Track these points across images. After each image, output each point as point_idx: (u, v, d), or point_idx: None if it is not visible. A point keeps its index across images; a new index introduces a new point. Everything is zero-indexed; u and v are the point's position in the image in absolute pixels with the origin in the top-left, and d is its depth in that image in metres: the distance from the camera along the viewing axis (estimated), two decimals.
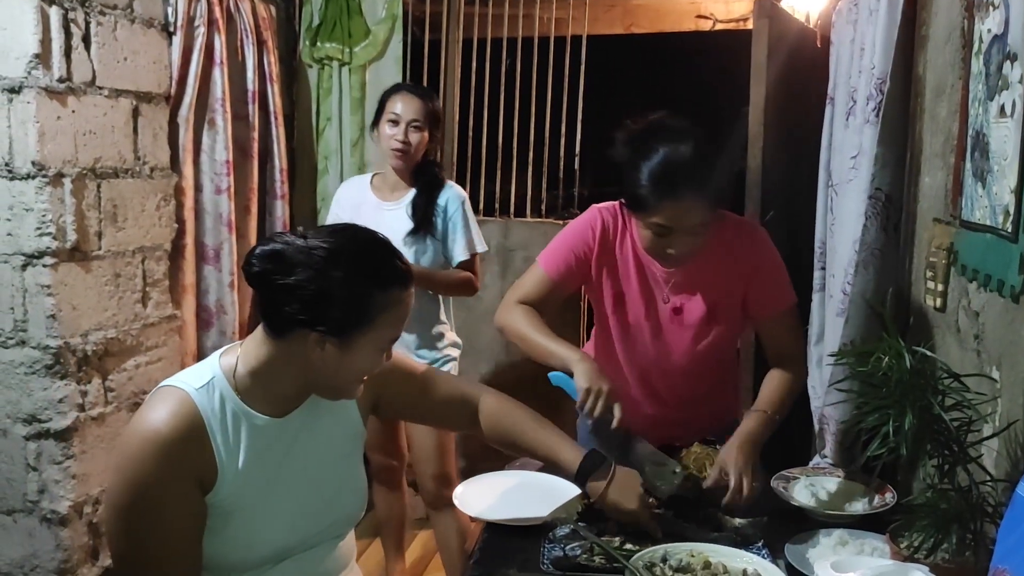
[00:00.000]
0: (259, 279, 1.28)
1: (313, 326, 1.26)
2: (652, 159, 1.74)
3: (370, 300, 1.28)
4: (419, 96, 2.78)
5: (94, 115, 2.54)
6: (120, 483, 1.25)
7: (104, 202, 2.59)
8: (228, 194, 3.11)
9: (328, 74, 3.67)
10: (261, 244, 1.30)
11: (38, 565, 2.48)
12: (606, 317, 2.01)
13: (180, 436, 1.25)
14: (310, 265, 1.25)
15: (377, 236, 1.35)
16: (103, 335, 2.60)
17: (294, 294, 1.25)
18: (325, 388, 1.38)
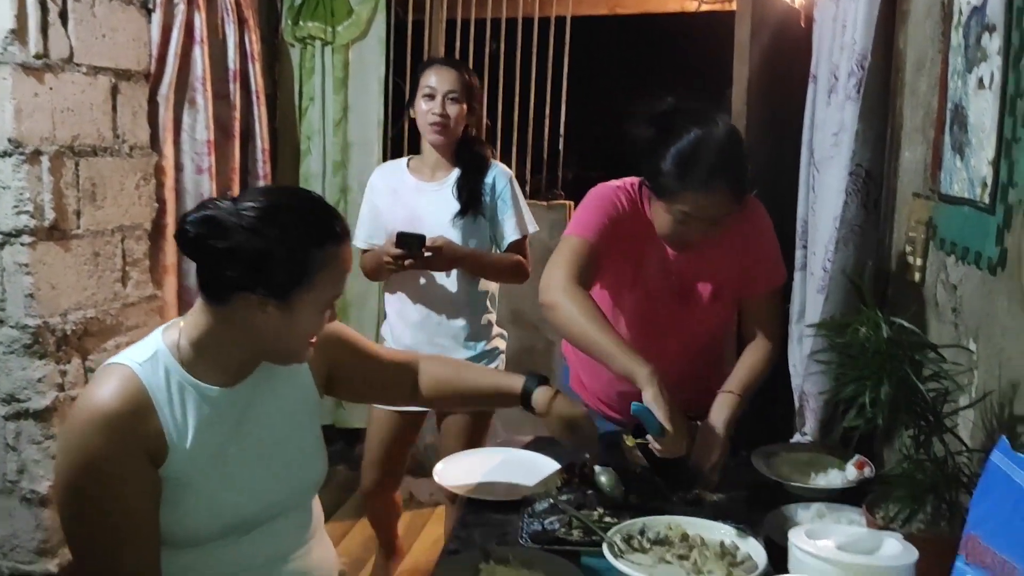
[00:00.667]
0: (194, 246, 1.26)
1: (252, 288, 1.25)
2: (682, 143, 1.68)
3: (307, 258, 1.27)
4: (453, 67, 2.64)
5: (72, 92, 2.51)
6: (68, 463, 1.23)
7: (82, 180, 2.57)
8: (209, 174, 3.09)
9: (311, 54, 3.64)
10: (193, 211, 1.28)
11: (18, 545, 2.47)
12: (610, 284, 1.97)
13: (126, 411, 1.24)
14: (244, 227, 1.24)
15: (311, 194, 1.35)
16: (82, 314, 2.58)
17: (231, 257, 1.24)
18: (273, 353, 1.36)
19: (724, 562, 1.36)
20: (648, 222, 1.84)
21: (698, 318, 1.95)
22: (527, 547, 1.48)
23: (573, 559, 1.43)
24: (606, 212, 1.85)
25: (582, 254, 1.82)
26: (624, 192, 1.88)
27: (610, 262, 1.93)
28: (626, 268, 1.91)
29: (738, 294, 1.96)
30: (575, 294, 1.75)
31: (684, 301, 1.92)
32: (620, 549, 1.39)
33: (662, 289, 1.91)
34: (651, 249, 1.89)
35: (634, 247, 1.88)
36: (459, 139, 2.66)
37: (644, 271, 1.91)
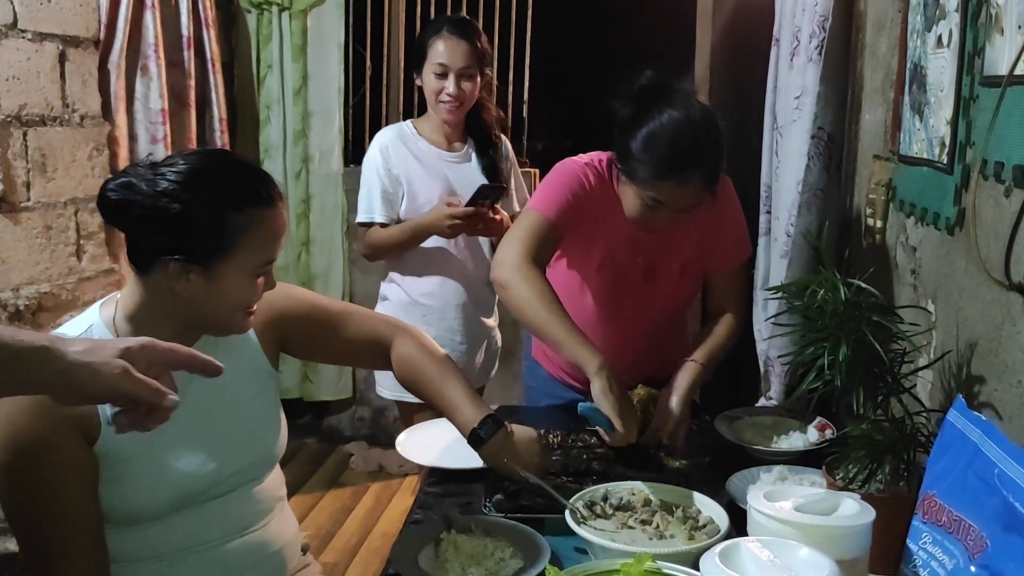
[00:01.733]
0: (116, 212, 1.23)
1: (173, 254, 1.22)
2: (654, 127, 1.61)
3: (225, 221, 1.23)
4: (465, 38, 2.38)
5: (17, 59, 2.43)
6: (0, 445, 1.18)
7: (31, 151, 2.49)
8: (165, 144, 3.01)
9: (268, 20, 3.56)
10: (113, 177, 1.25)
11: None
12: (575, 264, 1.94)
13: None
14: (162, 191, 1.21)
15: (233, 156, 1.32)
16: (36, 289, 2.52)
17: (149, 223, 1.21)
18: (207, 323, 1.33)
19: (686, 526, 1.36)
20: (617, 200, 1.78)
21: (666, 295, 1.93)
22: (490, 516, 1.47)
23: (536, 526, 1.42)
24: (570, 189, 1.80)
25: (540, 232, 1.77)
26: (592, 169, 1.82)
27: (575, 241, 1.89)
28: (593, 247, 1.88)
29: (704, 269, 1.94)
30: (528, 274, 1.71)
31: (652, 278, 1.90)
32: (583, 515, 1.38)
33: (630, 267, 1.88)
34: (619, 228, 1.84)
35: (601, 226, 1.84)
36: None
37: (612, 250, 1.87)
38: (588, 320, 1.95)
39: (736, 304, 1.94)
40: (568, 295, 1.96)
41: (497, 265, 1.75)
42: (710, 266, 1.92)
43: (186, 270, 1.23)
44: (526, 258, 1.73)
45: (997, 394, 1.19)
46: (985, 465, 1.02)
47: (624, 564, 1.14)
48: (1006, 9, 1.12)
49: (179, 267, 1.22)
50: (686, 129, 1.61)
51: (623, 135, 1.67)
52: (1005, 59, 1.12)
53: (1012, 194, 1.12)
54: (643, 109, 1.65)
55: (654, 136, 1.62)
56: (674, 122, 1.61)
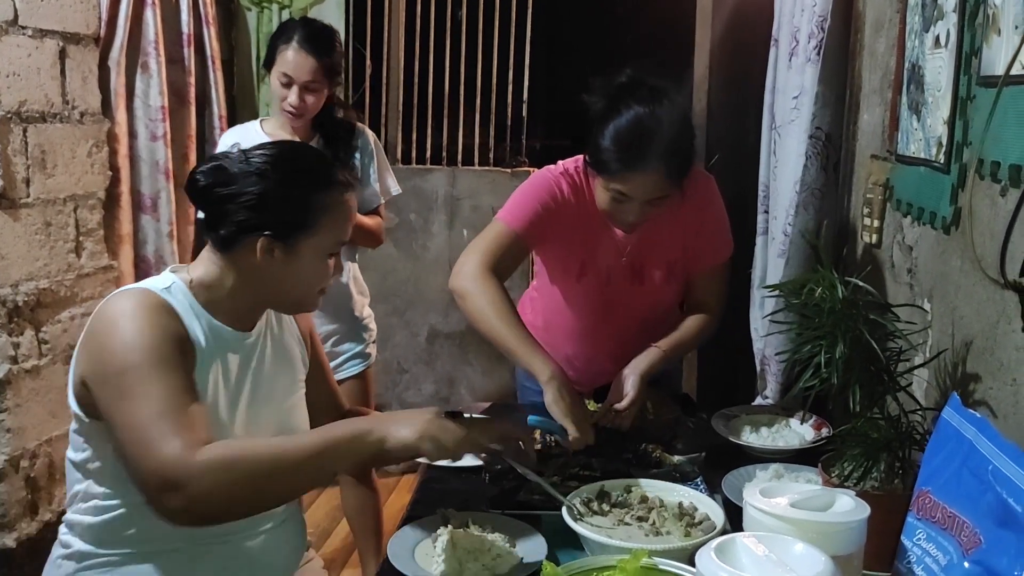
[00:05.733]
0: (203, 193, 1.33)
1: (259, 231, 1.30)
2: (620, 121, 1.62)
3: (310, 200, 1.33)
4: (313, 54, 2.35)
5: (17, 56, 2.43)
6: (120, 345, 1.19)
7: (31, 147, 2.49)
8: (164, 141, 3.02)
9: (268, 17, 3.55)
10: (202, 163, 1.35)
11: None
12: (558, 276, 1.93)
13: (163, 309, 1.26)
14: (251, 172, 1.31)
15: (313, 147, 1.45)
16: (35, 285, 2.52)
17: (237, 201, 1.30)
18: (281, 300, 1.40)
19: (682, 522, 1.37)
20: (595, 204, 1.78)
21: (653, 298, 1.93)
22: (487, 512, 1.47)
23: (533, 522, 1.43)
24: (540, 200, 1.79)
25: (503, 243, 1.77)
26: (567, 178, 1.81)
27: (551, 253, 1.89)
28: (571, 256, 1.87)
29: (689, 268, 1.93)
30: (486, 284, 1.71)
31: (638, 282, 1.90)
32: (579, 512, 1.39)
33: (615, 270, 1.88)
34: (600, 234, 1.84)
35: (580, 234, 1.83)
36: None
37: (595, 257, 1.87)
38: (577, 330, 1.95)
39: (714, 302, 1.94)
40: (555, 308, 1.97)
41: (455, 274, 1.76)
42: (693, 265, 1.92)
43: (269, 246, 1.31)
44: (484, 268, 1.73)
45: (992, 392, 1.20)
46: (979, 462, 1.02)
47: (620, 560, 1.14)
48: (1003, 10, 1.13)
49: (266, 243, 1.30)
50: (648, 121, 1.62)
51: (593, 130, 1.68)
52: (1002, 59, 1.13)
53: (1008, 193, 1.12)
54: (612, 105, 1.66)
55: (619, 129, 1.63)
56: (638, 115, 1.63)
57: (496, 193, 3.61)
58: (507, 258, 1.78)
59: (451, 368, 3.76)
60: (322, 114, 2.47)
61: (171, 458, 1.13)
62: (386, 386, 3.72)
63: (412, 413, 1.27)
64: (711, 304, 1.92)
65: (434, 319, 3.72)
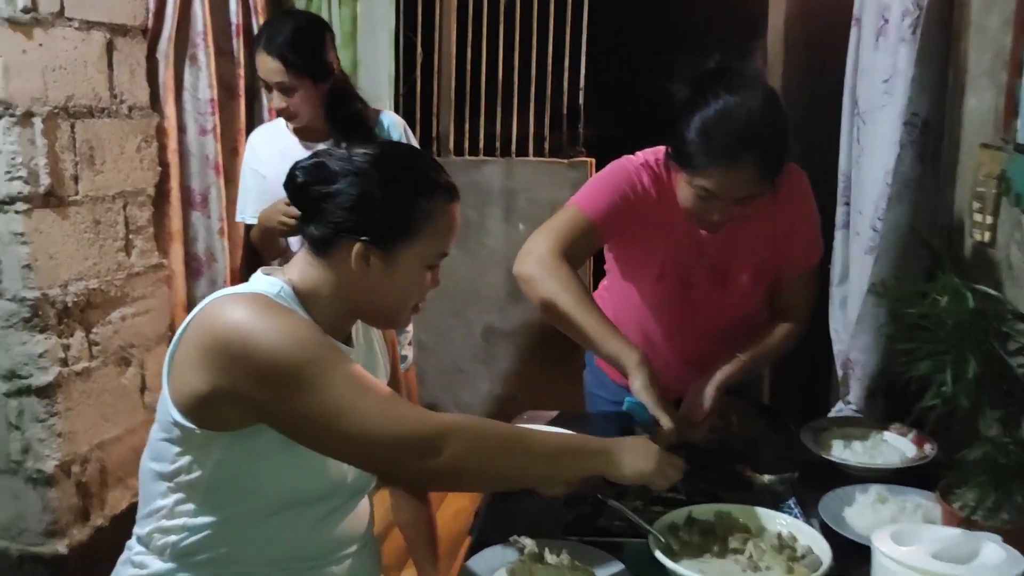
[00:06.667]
0: (302, 191, 1.24)
1: (357, 234, 1.21)
2: (708, 111, 1.49)
3: (414, 206, 1.23)
4: (278, 56, 2.25)
5: (63, 49, 2.36)
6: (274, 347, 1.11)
7: (79, 143, 2.43)
8: (214, 135, 2.94)
9: (317, 6, 3.45)
10: (304, 159, 1.26)
11: (26, 528, 2.38)
12: (633, 274, 1.80)
13: (293, 311, 1.20)
14: (353, 171, 1.22)
15: (420, 150, 1.34)
16: (84, 285, 2.46)
17: (337, 201, 1.21)
18: (373, 311, 1.30)
19: (783, 556, 1.24)
20: (676, 201, 1.65)
21: (737, 302, 1.79)
22: (563, 539, 1.36)
23: (614, 551, 1.31)
24: (618, 190, 1.67)
25: (577, 230, 1.65)
26: (648, 170, 1.69)
27: (627, 248, 1.76)
28: (651, 254, 1.74)
29: (775, 271, 1.79)
30: (556, 267, 1.59)
31: (722, 286, 1.76)
32: (666, 542, 1.26)
33: (697, 275, 1.75)
34: (682, 233, 1.70)
35: (660, 232, 1.70)
36: (328, 99, 2.37)
37: (675, 257, 1.73)
38: (652, 334, 1.81)
39: (802, 308, 1.80)
40: (628, 309, 1.82)
41: (522, 257, 1.64)
42: (781, 267, 1.78)
43: (368, 253, 1.21)
44: (555, 252, 1.61)
45: None
46: None
47: None
48: None
49: (362, 248, 1.21)
50: (741, 112, 1.49)
51: (678, 121, 1.55)
52: None
53: None
54: (699, 93, 1.52)
55: (706, 120, 1.50)
56: (729, 105, 1.49)
57: (554, 185, 3.48)
58: (579, 247, 1.65)
59: (508, 368, 3.64)
60: (336, 109, 2.39)
61: (424, 421, 1.13)
62: (442, 386, 3.62)
63: (638, 442, 1.31)
64: (799, 311, 1.78)
65: (490, 317, 3.61)
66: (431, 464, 1.11)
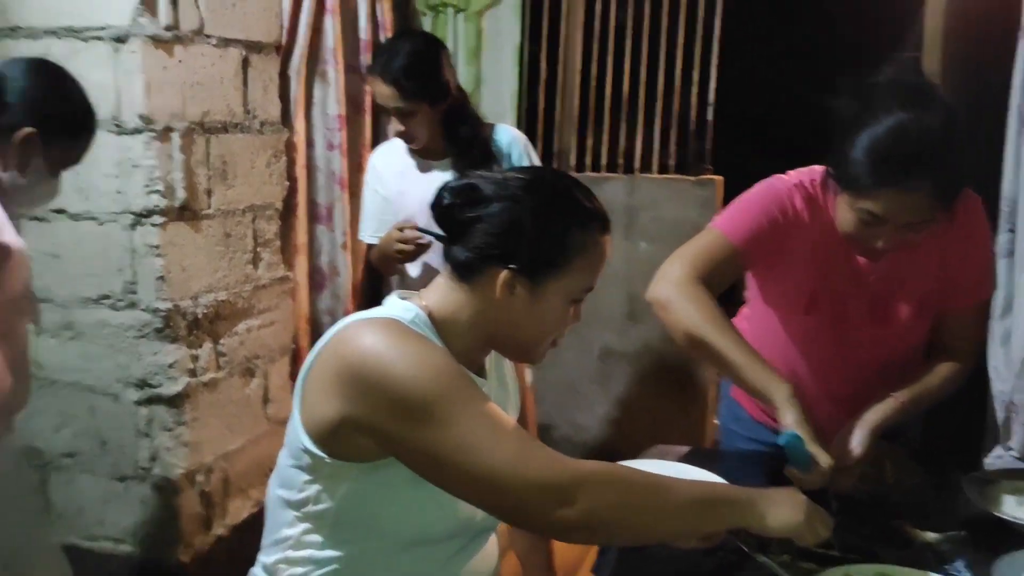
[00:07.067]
0: (449, 213, 1.19)
1: (504, 262, 1.15)
2: (878, 128, 1.37)
3: (566, 236, 1.16)
4: (391, 83, 2.25)
5: (201, 66, 2.41)
6: (410, 379, 1.06)
7: (213, 158, 2.47)
8: (341, 150, 2.97)
9: (443, 22, 3.46)
10: (453, 181, 1.22)
11: (150, 533, 2.43)
12: (779, 304, 1.68)
13: (427, 340, 1.14)
14: (504, 196, 1.16)
15: (574, 178, 1.25)
16: (214, 297, 2.50)
17: (486, 226, 1.16)
18: (512, 342, 1.23)
19: None
20: (832, 226, 1.52)
21: (896, 338, 1.63)
22: None
23: None
24: (767, 213, 1.56)
25: (717, 255, 1.55)
26: (802, 192, 1.57)
27: (773, 276, 1.64)
28: (800, 283, 1.62)
29: (941, 304, 1.63)
30: (695, 293, 1.50)
31: (880, 319, 1.61)
32: None
33: (853, 307, 1.60)
34: (838, 261, 1.58)
35: (812, 259, 1.58)
36: (445, 117, 2.35)
37: (829, 287, 1.60)
38: (799, 370, 1.67)
39: (967, 347, 1.64)
40: (772, 341, 1.68)
41: (658, 281, 1.55)
42: (948, 300, 1.62)
43: (515, 282, 1.16)
44: (693, 277, 1.52)
45: None
46: None
47: None
48: None
49: (509, 276, 1.15)
50: (916, 130, 1.35)
51: (841, 138, 1.42)
52: None
53: None
54: (869, 109, 1.39)
55: (877, 138, 1.37)
56: (903, 122, 1.36)
57: (678, 203, 3.36)
58: (719, 273, 1.56)
59: (625, 391, 3.53)
60: (453, 128, 2.37)
61: (558, 468, 1.06)
62: (556, 407, 3.54)
63: (784, 493, 1.20)
64: (964, 349, 1.62)
65: (609, 338, 3.50)
66: (564, 514, 1.04)
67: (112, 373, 2.37)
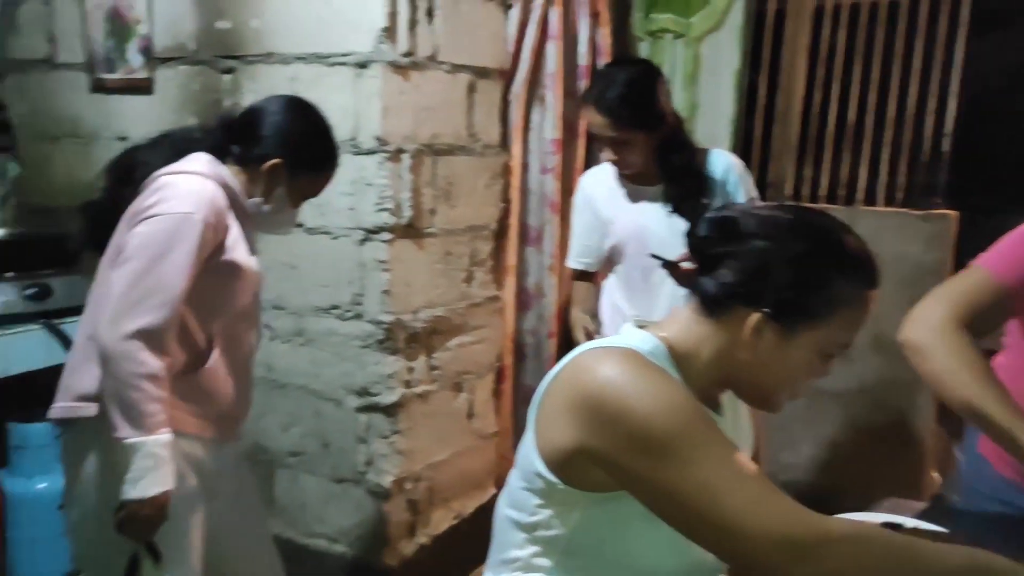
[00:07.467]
0: (703, 246, 1.15)
1: (756, 304, 1.09)
2: None
3: (829, 286, 1.09)
4: (604, 112, 2.23)
5: (433, 90, 2.51)
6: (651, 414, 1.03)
7: (438, 179, 2.57)
8: (554, 174, 3.00)
9: (660, 47, 3.44)
10: (711, 211, 1.17)
11: (361, 535, 2.54)
12: None
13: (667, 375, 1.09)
14: (767, 235, 1.10)
15: (845, 223, 1.16)
16: (431, 313, 2.59)
17: (742, 264, 1.11)
18: (752, 387, 1.18)
19: None
20: None
21: None
22: None
23: None
24: None
25: (983, 296, 1.43)
26: None
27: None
28: None
29: None
30: (954, 339, 1.39)
31: None
32: None
33: None
34: None
35: None
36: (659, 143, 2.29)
37: None
38: None
39: None
40: None
41: (913, 324, 1.44)
42: None
43: (765, 326, 1.10)
44: (954, 320, 1.40)
45: None
46: None
47: None
48: None
49: (760, 320, 1.10)
50: None
51: None
52: None
53: None
54: None
55: None
56: None
57: (903, 238, 3.14)
58: (985, 316, 1.44)
59: (834, 433, 3.34)
60: (667, 154, 2.32)
61: (804, 523, 1.00)
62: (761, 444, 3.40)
63: None
64: None
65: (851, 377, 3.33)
66: (803, 571, 0.98)
67: (337, 380, 2.50)
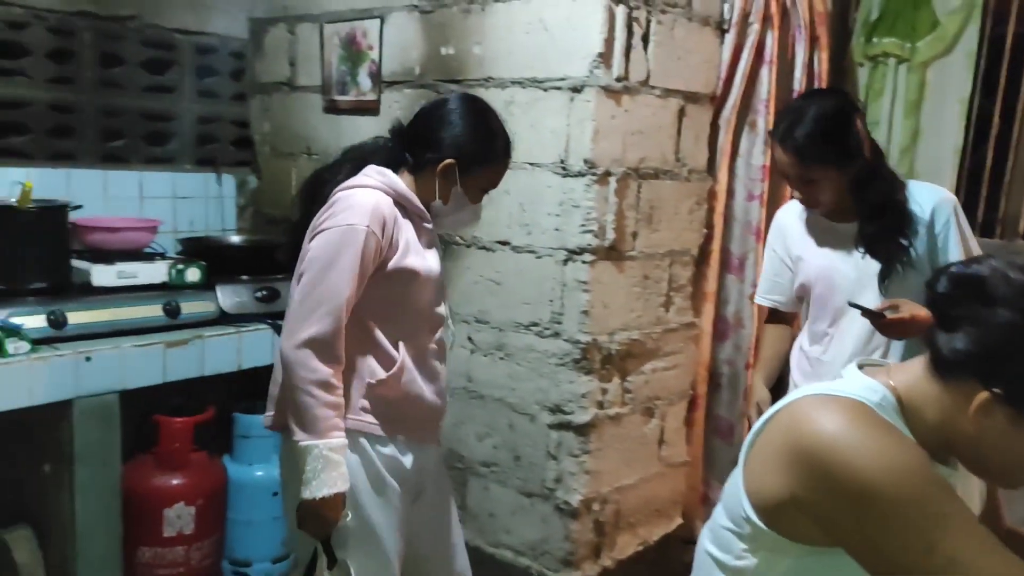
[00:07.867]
0: (942, 303, 1.08)
1: (988, 381, 1.01)
2: None
3: None
4: (790, 150, 2.08)
5: (644, 115, 2.52)
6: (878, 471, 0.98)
7: (642, 203, 2.57)
8: (760, 201, 2.92)
9: (881, 73, 3.27)
10: (968, 262, 1.11)
11: (547, 551, 2.56)
12: None
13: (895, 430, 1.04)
14: (1018, 306, 1.01)
15: None
16: (627, 336, 2.59)
17: (980, 332, 1.03)
18: (973, 463, 1.10)
19: None
20: None
21: None
22: None
23: None
24: None
25: None
26: None
27: None
28: None
29: None
30: None
31: None
32: None
33: None
34: None
35: None
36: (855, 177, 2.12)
37: None
38: None
39: None
40: None
41: None
42: None
43: (994, 407, 1.02)
44: None
45: None
46: None
47: None
48: None
49: (988, 400, 1.02)
50: None
51: None
52: None
53: None
54: None
55: None
56: None
57: None
58: None
59: None
60: (864, 189, 2.15)
61: None
62: None
63: None
64: None
65: None
66: None
67: (532, 395, 2.55)
